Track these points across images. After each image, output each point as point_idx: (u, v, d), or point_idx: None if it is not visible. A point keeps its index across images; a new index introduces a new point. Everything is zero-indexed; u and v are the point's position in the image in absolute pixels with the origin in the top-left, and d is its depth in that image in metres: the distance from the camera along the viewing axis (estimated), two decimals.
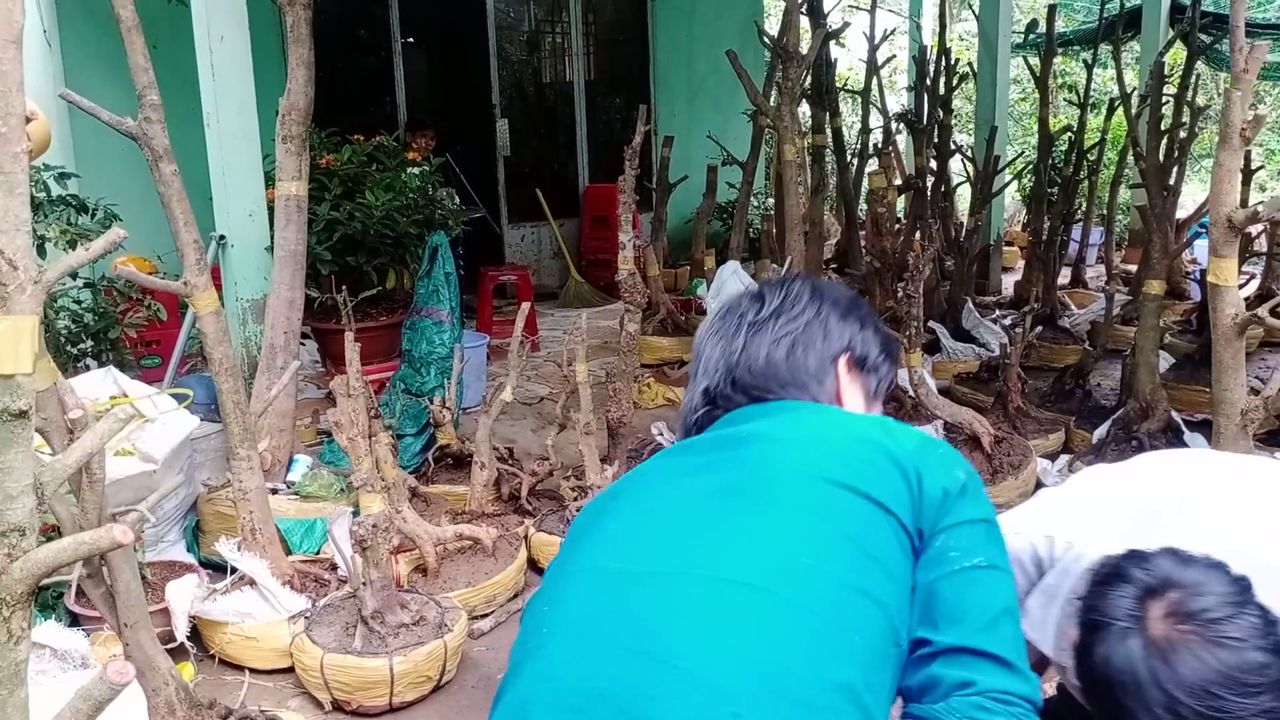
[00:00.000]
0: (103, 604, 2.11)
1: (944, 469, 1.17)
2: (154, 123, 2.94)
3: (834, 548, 1.07)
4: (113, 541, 1.02)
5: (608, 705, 1.00)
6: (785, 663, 0.98)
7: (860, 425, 1.25)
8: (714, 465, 1.21)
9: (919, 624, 1.10)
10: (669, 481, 1.24)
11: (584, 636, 1.08)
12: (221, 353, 3.17)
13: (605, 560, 1.15)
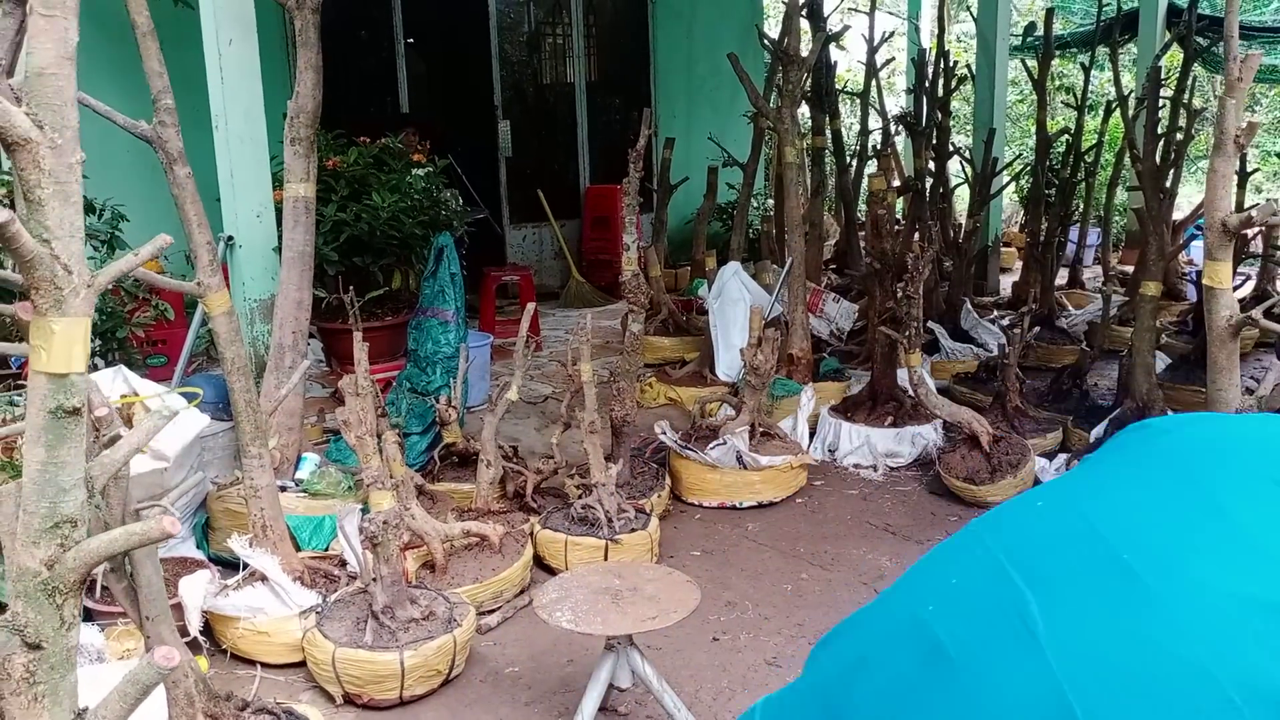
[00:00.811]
0: (124, 598, 2.16)
1: None
2: (169, 126, 2.99)
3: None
4: (163, 532, 1.07)
5: None
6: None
7: None
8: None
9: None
10: None
11: None
12: (234, 352, 3.21)
13: None
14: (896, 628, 1.05)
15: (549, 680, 3.17)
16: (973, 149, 8.27)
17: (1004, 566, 1.04)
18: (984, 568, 1.06)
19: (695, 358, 6.12)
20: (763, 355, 4.54)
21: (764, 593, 3.71)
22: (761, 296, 5.98)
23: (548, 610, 2.71)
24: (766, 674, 3.16)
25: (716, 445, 4.53)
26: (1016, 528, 1.10)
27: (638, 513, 3.94)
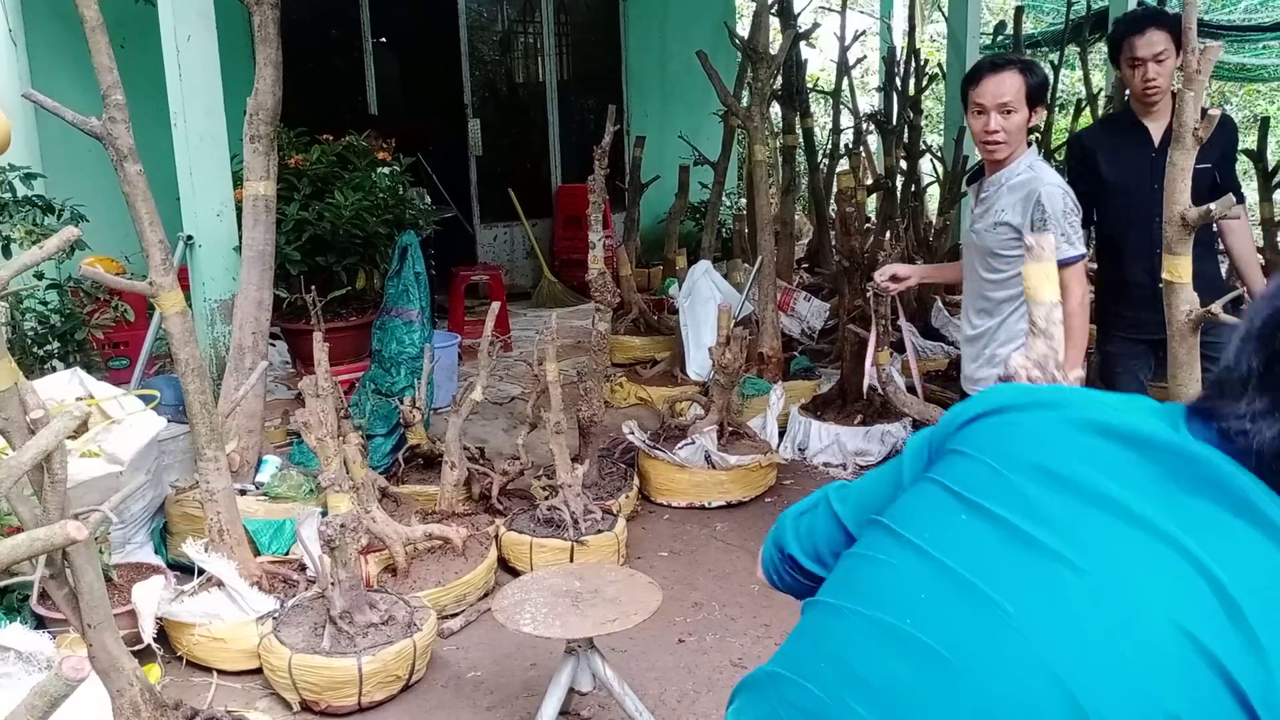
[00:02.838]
0: (66, 605, 2.11)
1: None
2: (118, 122, 2.93)
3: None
4: (66, 537, 1.02)
5: None
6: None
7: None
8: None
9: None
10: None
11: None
12: (188, 353, 3.15)
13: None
14: (878, 646, 1.04)
15: (511, 684, 3.13)
16: (944, 147, 8.28)
17: (943, 562, 1.04)
18: (927, 569, 1.05)
19: (666, 357, 6.09)
20: (731, 354, 4.51)
21: (731, 593, 3.67)
22: (733, 295, 5.95)
23: (506, 614, 2.67)
24: (732, 675, 3.12)
25: (685, 445, 4.50)
26: (927, 524, 1.10)
27: (605, 514, 3.90)
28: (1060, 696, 0.91)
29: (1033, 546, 0.99)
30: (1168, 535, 0.95)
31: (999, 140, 3.11)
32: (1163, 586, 0.93)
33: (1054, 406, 1.11)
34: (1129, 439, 1.03)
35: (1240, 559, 0.93)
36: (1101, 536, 0.97)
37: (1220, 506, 0.96)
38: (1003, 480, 1.06)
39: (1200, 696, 0.88)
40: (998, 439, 1.11)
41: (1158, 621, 0.91)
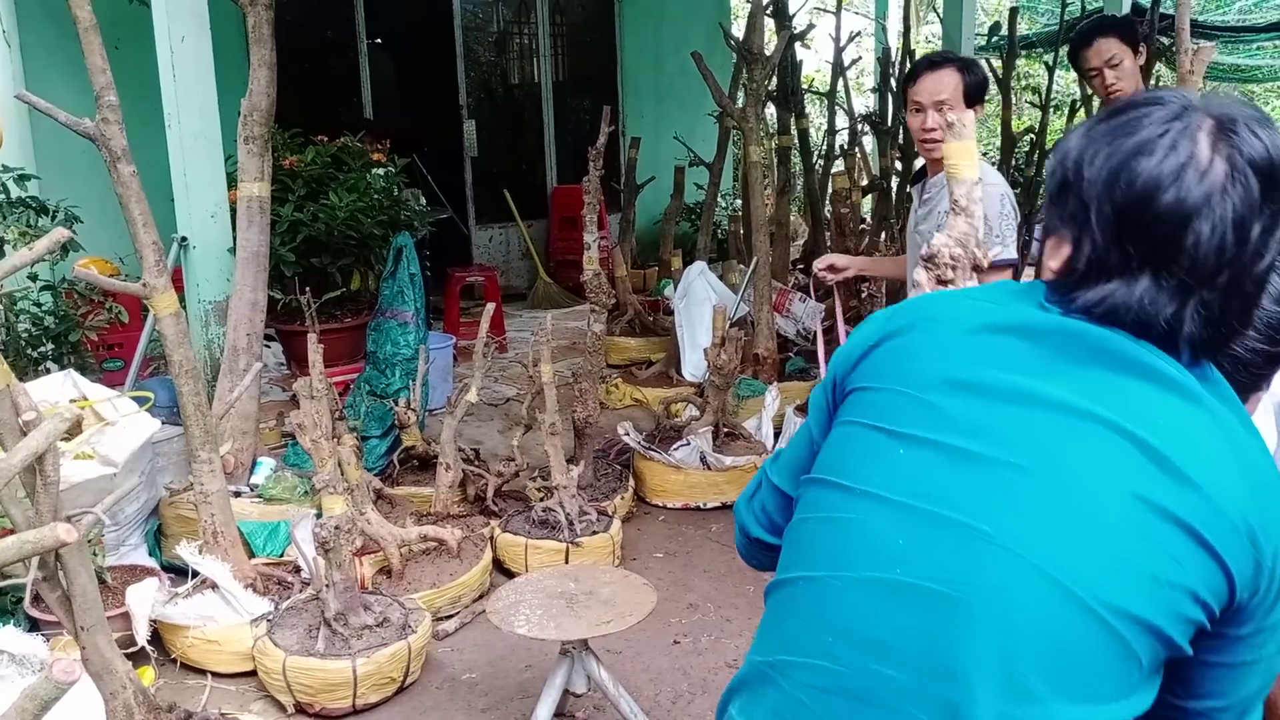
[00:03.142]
0: (59, 607, 2.10)
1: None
2: (111, 123, 2.92)
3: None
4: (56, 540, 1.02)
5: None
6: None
7: (1249, 478, 1.02)
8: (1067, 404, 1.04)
9: (1180, 684, 1.08)
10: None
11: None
12: (182, 355, 3.15)
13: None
14: (878, 604, 1.06)
15: (506, 686, 3.13)
16: None
17: (905, 504, 1.07)
18: (893, 515, 1.08)
19: (661, 358, 6.09)
20: (726, 355, 4.51)
21: (726, 594, 3.67)
22: (728, 296, 5.95)
23: (501, 616, 2.67)
24: (727, 676, 3.11)
25: (680, 446, 4.50)
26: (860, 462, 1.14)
27: (600, 515, 3.90)
28: (1058, 592, 0.97)
29: (975, 461, 1.03)
30: (1082, 410, 1.01)
31: (937, 139, 3.06)
32: (1100, 461, 1.00)
33: (934, 319, 1.14)
34: (1013, 329, 1.08)
35: (1148, 414, 1.01)
36: (1029, 430, 1.03)
37: (1113, 371, 1.03)
38: (920, 403, 1.09)
39: (1166, 547, 0.97)
40: (897, 365, 1.13)
41: (1111, 494, 0.99)
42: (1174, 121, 1.03)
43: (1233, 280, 1.02)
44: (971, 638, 0.99)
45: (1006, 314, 1.10)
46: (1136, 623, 0.98)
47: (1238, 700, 1.08)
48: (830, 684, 1.06)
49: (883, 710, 1.02)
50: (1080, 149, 1.08)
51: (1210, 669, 1.06)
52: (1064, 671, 0.98)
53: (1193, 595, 0.99)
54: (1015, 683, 0.97)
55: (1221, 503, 0.99)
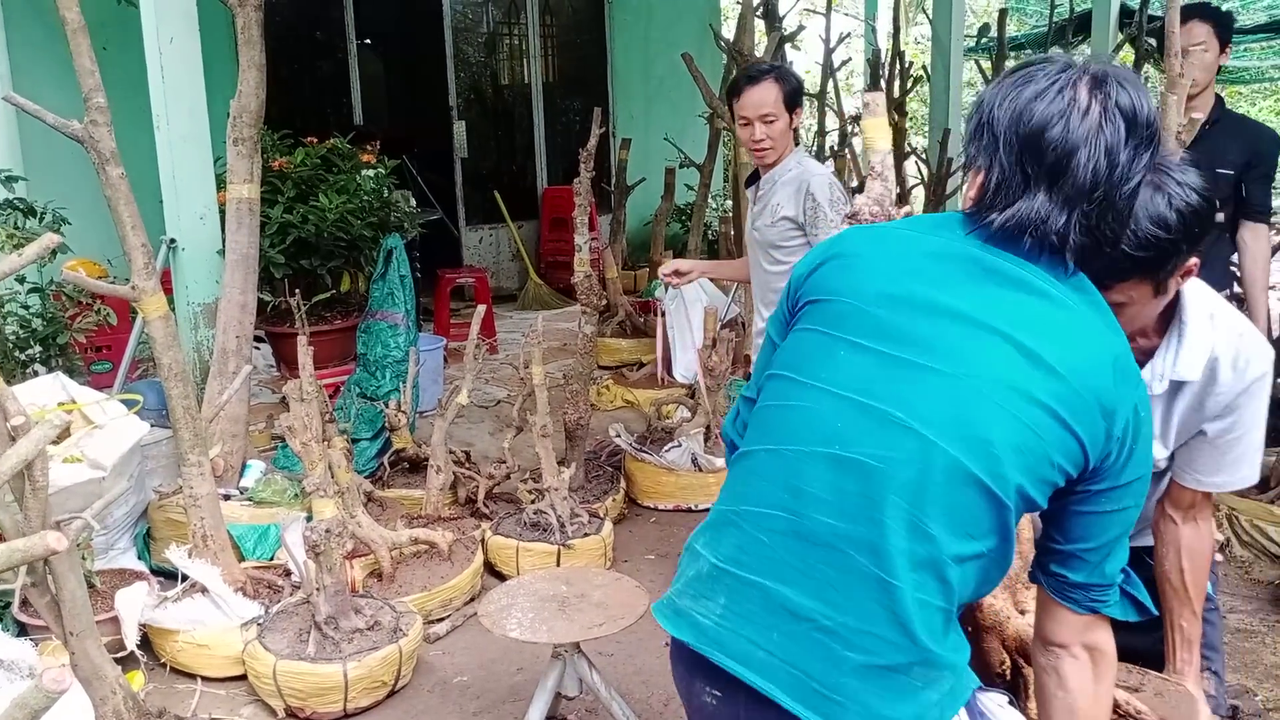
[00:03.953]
0: (48, 613, 2.09)
1: (1142, 441, 1.37)
2: (100, 125, 2.91)
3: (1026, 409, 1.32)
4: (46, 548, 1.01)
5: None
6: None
7: (1103, 366, 1.33)
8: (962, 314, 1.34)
9: (1058, 530, 1.43)
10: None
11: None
12: (171, 357, 3.14)
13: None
14: (823, 470, 1.35)
15: (498, 689, 3.12)
16: (928, 149, 8.30)
17: (843, 395, 1.36)
18: (834, 403, 1.37)
19: (652, 360, 6.08)
20: (717, 356, 4.51)
21: None
22: (719, 298, 5.95)
23: (493, 619, 2.66)
24: None
25: (671, 448, 4.49)
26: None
27: (591, 517, 3.90)
28: (951, 462, 1.29)
29: (898, 363, 1.34)
30: (978, 321, 1.33)
31: (766, 147, 3.35)
32: (988, 361, 1.31)
33: (875, 243, 1.45)
34: (938, 254, 1.39)
35: (1025, 320, 1.32)
36: (939, 338, 1.33)
37: (1001, 287, 1.34)
38: (861, 313, 1.38)
39: (1031, 425, 1.29)
40: (842, 280, 1.43)
41: (993, 387, 1.30)
42: (1061, 74, 1.33)
43: (1106, 197, 1.32)
44: (888, 497, 1.30)
45: (929, 242, 1.41)
46: (1006, 482, 1.29)
47: (1102, 544, 1.40)
48: (784, 528, 1.36)
49: (824, 549, 1.33)
50: (992, 96, 1.37)
51: (1080, 517, 1.39)
52: (952, 518, 1.30)
53: (1051, 462, 1.31)
54: (917, 528, 1.29)
55: (1078, 387, 1.30)
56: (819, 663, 1.31)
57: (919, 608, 1.29)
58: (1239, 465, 1.77)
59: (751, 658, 1.34)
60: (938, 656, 1.31)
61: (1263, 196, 3.49)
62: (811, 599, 1.32)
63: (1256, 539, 3.81)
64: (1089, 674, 1.47)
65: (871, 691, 1.29)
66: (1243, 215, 3.48)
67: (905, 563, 1.29)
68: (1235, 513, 3.89)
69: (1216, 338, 1.71)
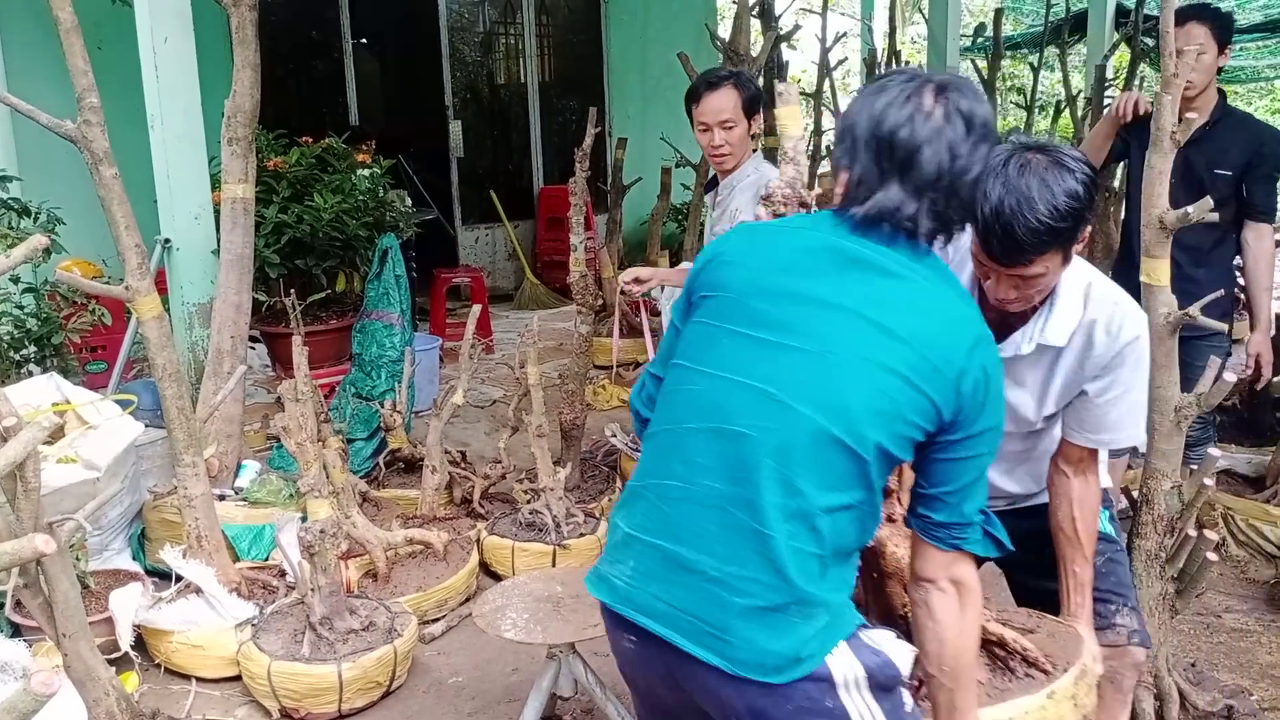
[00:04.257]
0: (40, 614, 2.08)
1: (992, 395, 1.57)
2: (93, 125, 2.90)
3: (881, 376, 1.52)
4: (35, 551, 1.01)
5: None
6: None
7: (951, 332, 1.54)
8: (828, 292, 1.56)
9: (922, 476, 1.63)
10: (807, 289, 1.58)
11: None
12: (165, 358, 3.13)
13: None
14: (709, 442, 1.56)
15: (493, 690, 3.11)
16: None
17: (726, 377, 1.57)
18: (719, 384, 1.57)
19: (648, 360, 6.08)
20: None
21: None
22: None
23: (487, 620, 2.66)
24: None
25: None
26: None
27: (587, 517, 3.89)
28: (816, 427, 1.49)
29: (770, 346, 1.54)
30: (839, 304, 1.53)
31: (725, 153, 3.38)
32: (848, 339, 1.51)
33: (751, 243, 1.66)
34: (806, 248, 1.60)
35: (879, 300, 1.53)
36: (812, 324, 1.53)
37: (859, 272, 1.55)
38: (738, 305, 1.59)
39: (886, 391, 1.50)
40: (722, 276, 1.64)
41: (852, 361, 1.51)
42: (909, 84, 1.56)
43: (950, 185, 1.54)
44: (762, 460, 1.50)
45: (800, 237, 1.63)
46: (865, 441, 1.49)
47: (959, 487, 1.60)
48: (679, 496, 1.55)
49: (711, 510, 1.52)
50: (853, 106, 1.61)
51: (939, 464, 1.59)
52: (819, 475, 1.49)
53: (906, 420, 1.51)
54: (788, 484, 1.49)
55: (927, 354, 1.50)
56: (710, 609, 1.50)
57: (793, 554, 1.48)
58: (1121, 425, 1.96)
59: (655, 610, 1.54)
60: (812, 596, 1.49)
61: (1265, 196, 3.47)
62: (702, 554, 1.51)
63: (1252, 538, 3.81)
64: (955, 606, 1.63)
65: (755, 629, 1.48)
66: (1245, 215, 3.47)
67: (778, 516, 1.48)
68: (1231, 512, 3.90)
69: (1092, 306, 1.90)
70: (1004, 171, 1.74)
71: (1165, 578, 2.46)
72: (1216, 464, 2.44)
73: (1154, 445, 2.44)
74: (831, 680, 1.50)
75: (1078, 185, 1.74)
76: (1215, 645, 3.35)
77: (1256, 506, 3.88)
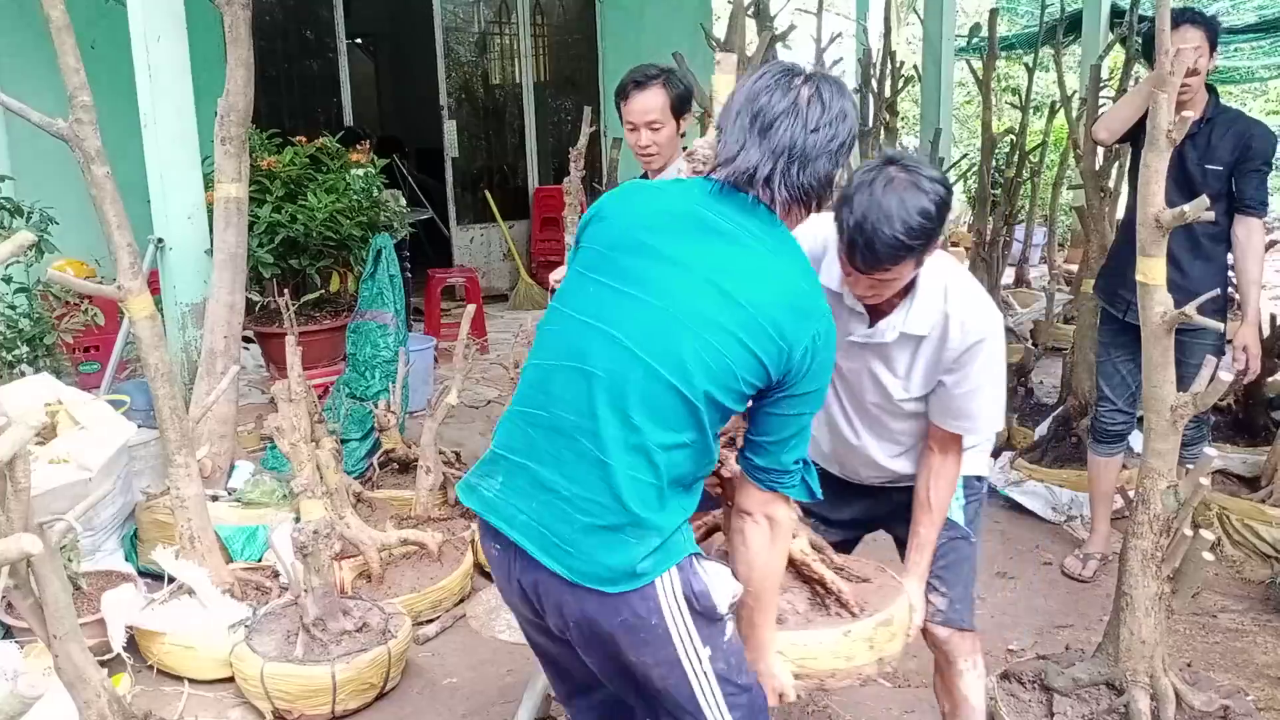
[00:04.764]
0: (31, 615, 2.07)
1: (818, 363, 1.77)
2: (85, 124, 2.89)
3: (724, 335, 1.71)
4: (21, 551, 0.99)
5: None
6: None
7: (787, 302, 1.73)
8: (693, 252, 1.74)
9: (752, 425, 1.82)
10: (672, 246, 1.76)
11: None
12: (158, 358, 3.12)
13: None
14: (566, 377, 1.75)
15: (487, 691, 3.10)
16: (920, 149, 8.29)
17: (583, 320, 1.76)
18: (576, 326, 1.77)
19: None
20: None
21: None
22: None
23: (482, 620, 2.65)
24: None
25: None
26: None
27: None
28: (653, 373, 1.67)
29: (627, 298, 1.73)
30: (694, 269, 1.71)
31: (652, 153, 3.39)
32: (696, 300, 1.70)
33: (626, 201, 1.85)
34: (669, 211, 1.79)
35: (728, 268, 1.71)
36: (663, 281, 1.72)
37: (714, 240, 1.74)
38: (605, 258, 1.78)
39: (719, 347, 1.68)
40: (597, 231, 1.83)
41: (692, 317, 1.69)
42: (785, 73, 1.77)
43: (803, 156, 1.73)
44: (607, 398, 1.69)
45: (667, 200, 1.82)
46: (696, 389, 1.68)
47: (781, 438, 1.79)
48: (541, 423, 1.75)
49: (565, 437, 1.72)
50: (737, 89, 1.81)
51: (766, 417, 1.79)
52: (655, 415, 1.68)
53: (736, 376, 1.69)
54: (627, 421, 1.68)
55: (760, 319, 1.69)
56: (559, 523, 1.70)
57: (630, 483, 1.67)
58: (977, 416, 2.16)
59: (515, 520, 1.74)
60: (646, 520, 1.69)
61: (1255, 190, 3.45)
62: (555, 475, 1.71)
63: (1247, 538, 3.81)
64: (766, 538, 1.85)
65: (594, 545, 1.68)
66: (1235, 210, 3.47)
67: (619, 448, 1.68)
68: (1226, 512, 3.90)
69: (951, 300, 2.09)
70: (869, 188, 1.91)
71: (1161, 577, 2.46)
72: (1212, 464, 2.43)
73: (1150, 444, 2.44)
74: (657, 600, 1.71)
75: (930, 205, 1.92)
76: (1211, 645, 3.35)
77: (1252, 506, 3.88)
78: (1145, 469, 2.46)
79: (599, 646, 1.75)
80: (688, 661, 1.75)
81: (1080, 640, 3.30)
